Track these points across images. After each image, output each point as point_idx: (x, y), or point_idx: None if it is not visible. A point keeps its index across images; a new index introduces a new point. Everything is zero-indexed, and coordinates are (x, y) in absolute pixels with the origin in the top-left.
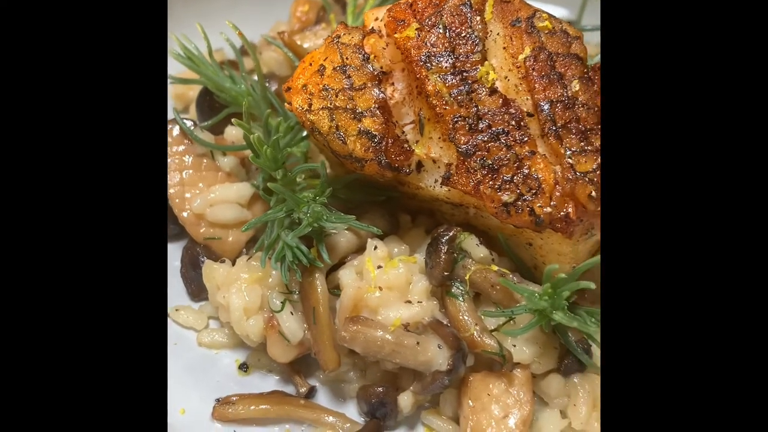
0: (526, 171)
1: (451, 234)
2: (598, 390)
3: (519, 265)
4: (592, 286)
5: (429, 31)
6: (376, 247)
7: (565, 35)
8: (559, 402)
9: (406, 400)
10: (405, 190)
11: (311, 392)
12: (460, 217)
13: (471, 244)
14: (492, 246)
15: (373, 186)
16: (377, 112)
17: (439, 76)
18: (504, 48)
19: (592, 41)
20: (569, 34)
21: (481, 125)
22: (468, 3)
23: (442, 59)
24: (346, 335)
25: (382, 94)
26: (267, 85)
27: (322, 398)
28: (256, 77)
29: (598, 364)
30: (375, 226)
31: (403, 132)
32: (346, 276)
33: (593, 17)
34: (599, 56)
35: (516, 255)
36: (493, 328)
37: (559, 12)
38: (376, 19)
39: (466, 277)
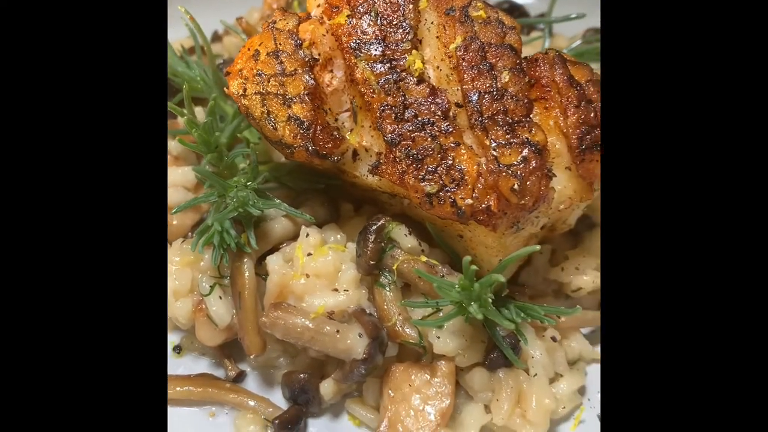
0: (450, 162)
1: (379, 224)
2: (522, 386)
3: (452, 257)
4: (501, 278)
5: (360, 18)
6: (308, 235)
7: (501, 25)
8: (483, 396)
9: (326, 387)
10: (345, 178)
11: (240, 376)
12: (397, 207)
13: (399, 234)
14: (427, 237)
15: (315, 173)
16: (306, 98)
17: (368, 64)
18: (437, 37)
19: (566, 33)
20: (505, 24)
21: (407, 114)
22: None
23: (371, 47)
24: (267, 321)
25: (312, 81)
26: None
27: (252, 383)
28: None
29: (526, 360)
30: (315, 214)
31: (336, 119)
32: (272, 262)
33: (568, 7)
34: (571, 47)
35: (449, 247)
36: (420, 318)
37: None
38: (318, 5)
39: (394, 267)
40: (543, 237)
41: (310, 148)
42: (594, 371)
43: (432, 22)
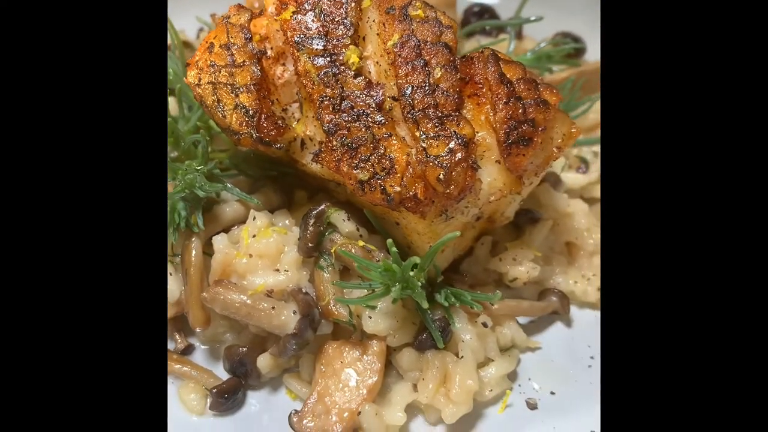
0: (382, 151)
1: (320, 209)
2: (448, 367)
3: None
4: (417, 260)
5: (305, 14)
6: (255, 218)
7: (438, 24)
8: (411, 375)
9: (263, 361)
10: (298, 167)
11: (188, 349)
12: (342, 194)
13: (338, 219)
14: (369, 224)
15: (270, 161)
16: (252, 88)
17: (309, 58)
18: (378, 34)
19: (538, 36)
20: (442, 23)
21: (344, 106)
22: None
23: (313, 42)
24: (207, 296)
25: (258, 72)
26: None
27: (200, 356)
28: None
29: (457, 343)
30: (268, 200)
31: (286, 110)
32: (218, 241)
33: (539, 11)
34: (535, 49)
35: (387, 233)
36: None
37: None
38: (273, 2)
39: (332, 250)
40: (483, 228)
41: (254, 135)
42: (528, 359)
43: (374, 20)
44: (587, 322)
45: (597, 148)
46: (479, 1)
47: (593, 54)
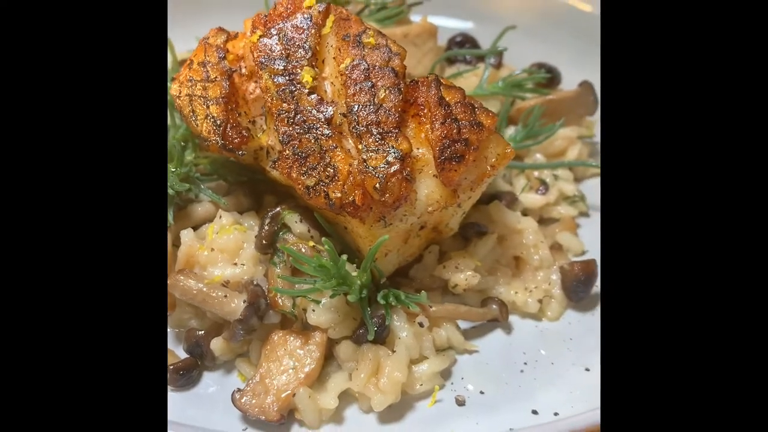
0: (327, 161)
1: (275, 210)
2: (380, 359)
3: (343, 246)
4: (345, 257)
5: (270, 38)
6: (221, 216)
7: (387, 51)
8: (348, 366)
9: (216, 344)
10: (266, 174)
11: None
12: (303, 199)
13: (291, 220)
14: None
15: (243, 168)
16: (221, 101)
17: (270, 76)
18: (334, 58)
19: (519, 65)
20: (391, 50)
21: (297, 119)
22: (309, 18)
23: (275, 62)
24: (169, 282)
25: (227, 87)
26: None
27: (168, 339)
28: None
29: (393, 340)
30: (239, 202)
31: (255, 122)
32: (184, 235)
33: (517, 40)
34: (505, 77)
35: (340, 237)
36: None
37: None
38: (249, 27)
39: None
40: (430, 238)
41: (219, 142)
42: (465, 360)
43: (332, 45)
44: (526, 331)
45: (558, 172)
46: (462, 30)
47: (568, 84)
